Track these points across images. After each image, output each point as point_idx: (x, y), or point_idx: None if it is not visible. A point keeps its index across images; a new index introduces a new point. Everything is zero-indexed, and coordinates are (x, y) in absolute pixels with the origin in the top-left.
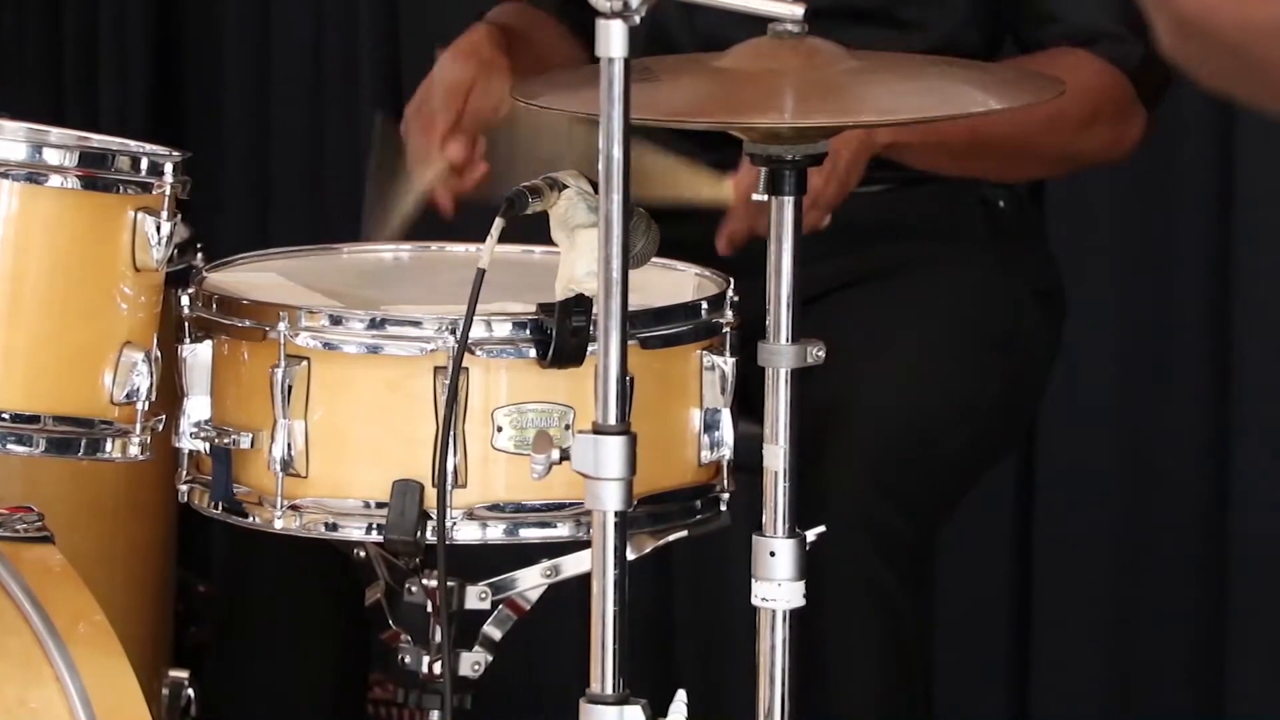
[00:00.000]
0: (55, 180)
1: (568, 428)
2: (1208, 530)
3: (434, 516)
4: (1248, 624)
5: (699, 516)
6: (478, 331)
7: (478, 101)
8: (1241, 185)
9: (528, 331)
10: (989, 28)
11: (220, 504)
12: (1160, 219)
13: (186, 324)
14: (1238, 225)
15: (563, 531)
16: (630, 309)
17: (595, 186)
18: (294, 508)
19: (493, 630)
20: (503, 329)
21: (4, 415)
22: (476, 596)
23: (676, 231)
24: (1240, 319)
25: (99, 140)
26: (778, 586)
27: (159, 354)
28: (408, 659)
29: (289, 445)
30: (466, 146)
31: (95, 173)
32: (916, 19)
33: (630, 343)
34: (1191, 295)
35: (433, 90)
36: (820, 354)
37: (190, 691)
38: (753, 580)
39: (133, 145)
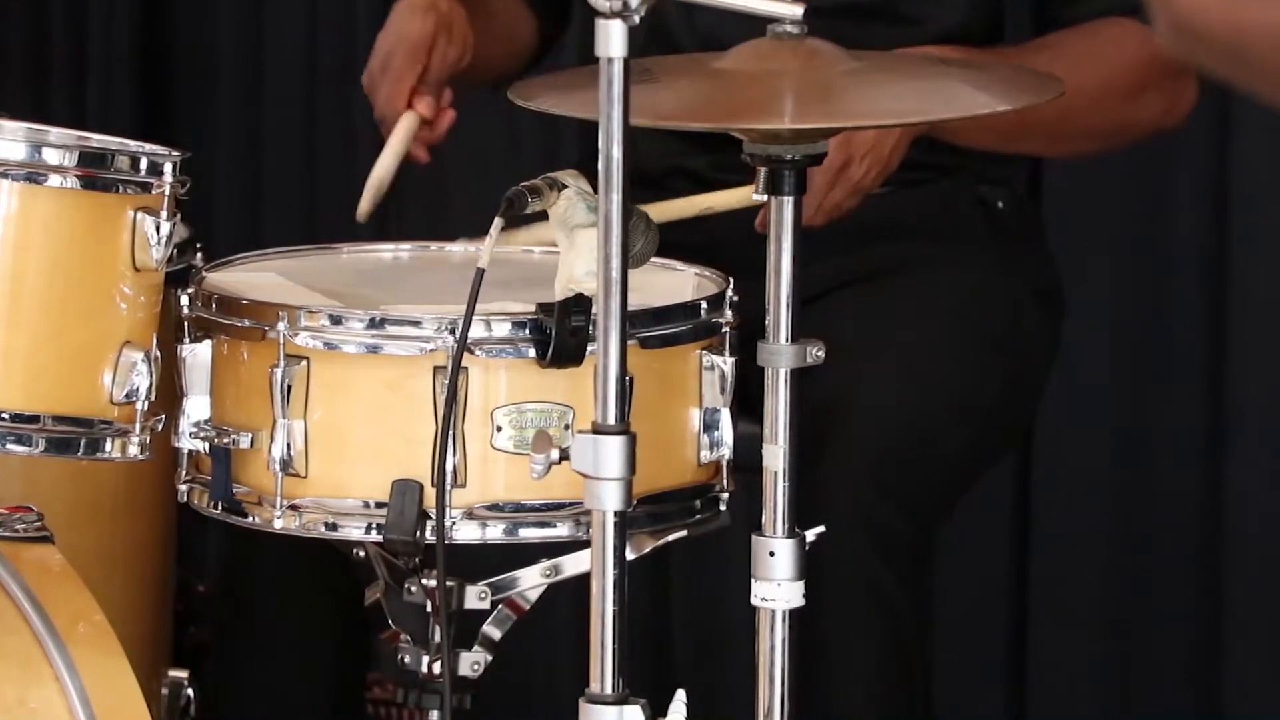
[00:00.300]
0: (55, 180)
1: (567, 427)
2: (1205, 530)
3: (433, 516)
4: (1245, 623)
5: (698, 516)
6: (477, 331)
7: (441, 57)
8: (1238, 186)
9: (527, 331)
10: (990, 17)
11: (220, 504)
12: (1158, 219)
13: (186, 324)
14: (1235, 226)
15: (562, 531)
16: (630, 309)
17: (595, 186)
18: (293, 507)
19: (492, 630)
20: (502, 329)
21: (3, 415)
22: (476, 596)
23: (676, 234)
24: (1237, 319)
25: (98, 140)
26: (777, 586)
27: (158, 354)
28: (407, 659)
29: (288, 445)
30: (434, 102)
31: (95, 172)
32: (917, 14)
33: (630, 342)
34: (1189, 296)
35: (396, 48)
36: (820, 354)
37: (190, 691)
38: (752, 580)
39: (132, 145)
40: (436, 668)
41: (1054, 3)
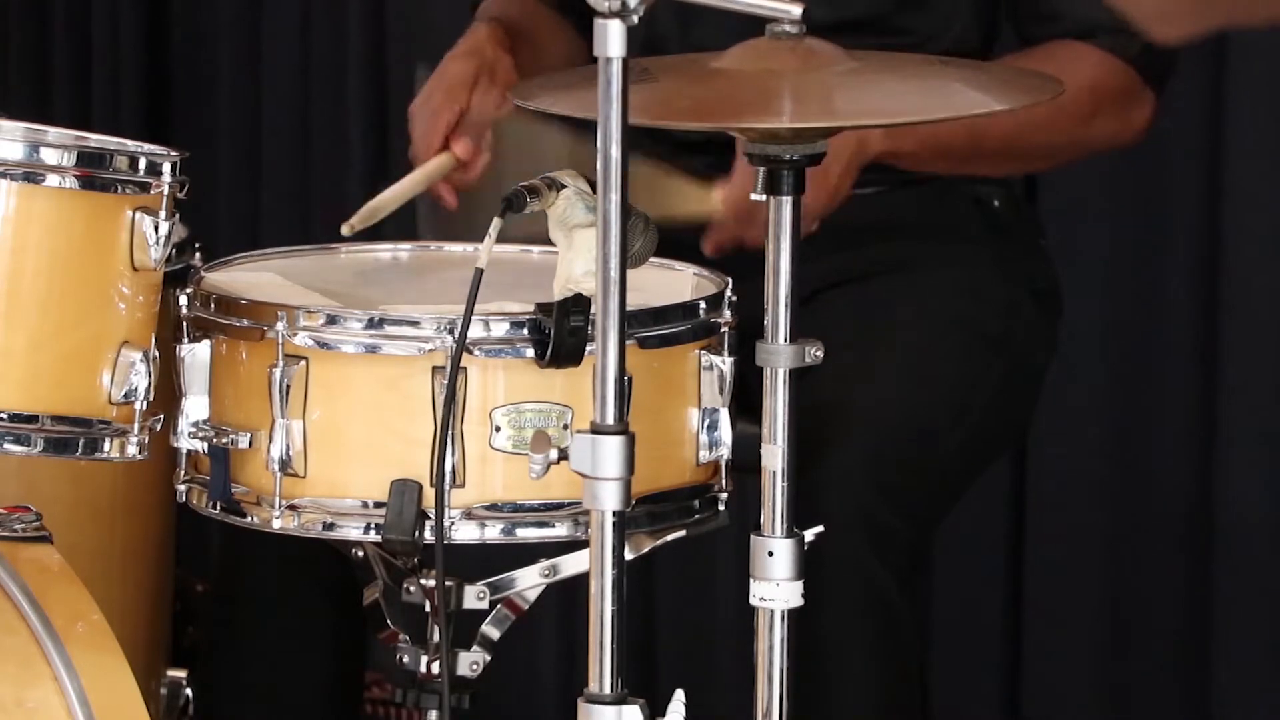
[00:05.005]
0: (53, 180)
1: (566, 427)
2: (1198, 529)
3: (432, 516)
4: (1236, 621)
5: (697, 516)
6: (476, 331)
7: (481, 98)
8: (1231, 187)
9: (526, 331)
10: (985, 28)
11: (218, 504)
12: (1149, 221)
13: (185, 324)
14: (1226, 227)
15: (561, 531)
16: (628, 309)
17: (593, 186)
18: (292, 507)
19: (491, 630)
20: (501, 329)
21: (2, 415)
22: (475, 596)
23: (675, 234)
24: (1230, 319)
25: (97, 140)
26: (776, 586)
27: (157, 354)
28: (406, 659)
29: (287, 445)
30: (472, 144)
31: (93, 172)
32: (914, 27)
33: (628, 342)
34: (1182, 294)
35: (435, 88)
36: (819, 354)
37: (188, 691)
38: (751, 580)
39: (130, 145)
40: (435, 667)
41: (1024, 22)
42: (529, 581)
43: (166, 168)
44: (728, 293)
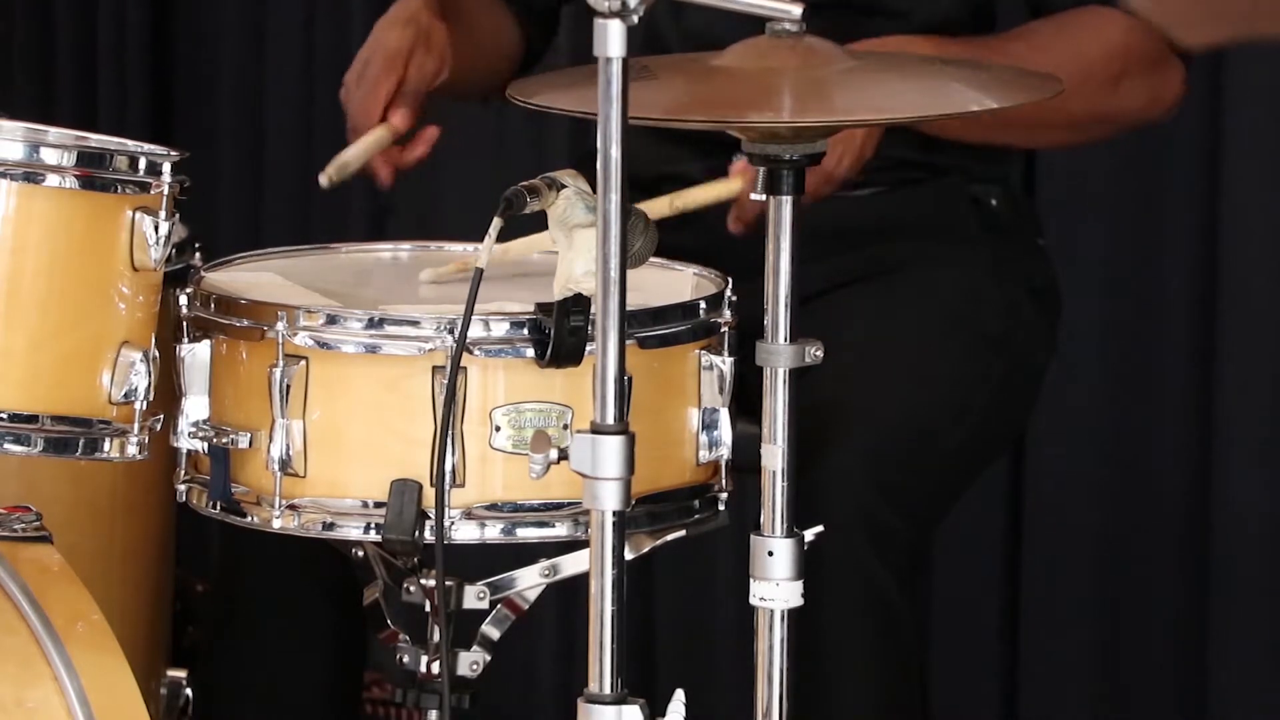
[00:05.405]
0: (53, 180)
1: (566, 427)
2: (1195, 530)
3: (432, 516)
4: (1233, 623)
5: (697, 516)
6: (476, 331)
7: (418, 69)
8: (1230, 187)
9: (526, 331)
10: (978, 8)
11: (218, 504)
12: (1149, 220)
13: (185, 323)
14: (1226, 227)
15: (561, 531)
16: (628, 308)
17: (593, 186)
18: (292, 507)
19: (491, 630)
20: (501, 328)
21: (2, 415)
22: (475, 596)
23: (676, 237)
24: (1227, 319)
25: (97, 140)
26: (776, 586)
27: (157, 354)
28: (406, 658)
29: (287, 445)
30: (410, 115)
31: (93, 172)
32: (903, 7)
33: (628, 342)
34: (1180, 296)
35: (372, 58)
36: (818, 354)
37: (188, 691)
38: (751, 580)
39: (130, 145)
40: (435, 667)
41: None
42: (529, 581)
43: (166, 167)
44: (728, 293)
